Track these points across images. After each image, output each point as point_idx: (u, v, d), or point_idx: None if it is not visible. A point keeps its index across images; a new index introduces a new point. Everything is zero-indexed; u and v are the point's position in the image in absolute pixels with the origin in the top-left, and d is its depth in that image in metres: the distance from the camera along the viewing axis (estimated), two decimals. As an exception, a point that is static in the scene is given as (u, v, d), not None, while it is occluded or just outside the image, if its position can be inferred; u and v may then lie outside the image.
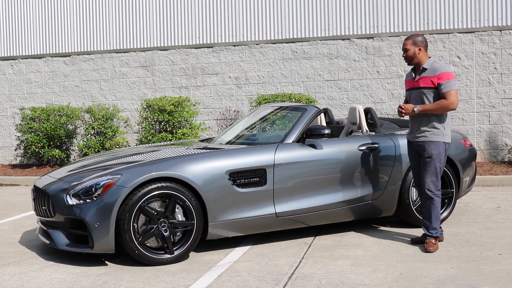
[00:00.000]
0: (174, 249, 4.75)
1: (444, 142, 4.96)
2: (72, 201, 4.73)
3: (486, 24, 10.00)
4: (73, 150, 11.65)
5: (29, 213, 7.21)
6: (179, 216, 4.80)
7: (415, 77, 5.10)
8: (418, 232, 5.52)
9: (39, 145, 11.08)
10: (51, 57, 12.06)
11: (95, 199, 4.64)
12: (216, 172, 4.91)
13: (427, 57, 5.05)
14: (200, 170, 4.85)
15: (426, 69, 5.00)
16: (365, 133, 5.96)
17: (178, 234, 4.81)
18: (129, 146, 11.17)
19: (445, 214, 5.79)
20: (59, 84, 12.04)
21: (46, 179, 5.33)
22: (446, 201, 5.83)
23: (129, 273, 4.50)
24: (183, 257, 4.80)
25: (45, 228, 5.08)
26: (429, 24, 10.22)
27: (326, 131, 5.23)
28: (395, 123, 6.33)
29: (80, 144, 11.16)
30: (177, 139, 10.21)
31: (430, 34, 10.19)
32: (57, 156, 11.22)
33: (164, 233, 4.71)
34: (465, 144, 6.15)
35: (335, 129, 6.49)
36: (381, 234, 5.56)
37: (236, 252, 5.02)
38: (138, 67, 11.60)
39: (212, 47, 11.21)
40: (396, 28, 10.36)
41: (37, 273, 4.57)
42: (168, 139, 10.30)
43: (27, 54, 12.18)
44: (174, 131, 10.49)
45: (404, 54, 5.08)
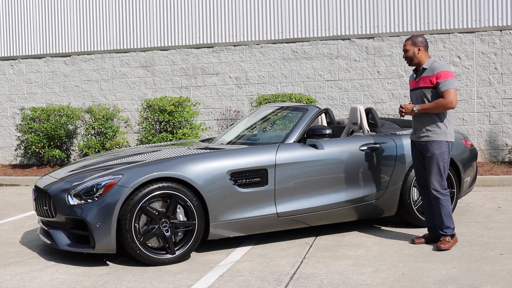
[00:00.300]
0: (176, 249, 4.74)
1: (447, 141, 4.96)
2: (73, 201, 4.72)
3: (487, 24, 10.00)
4: (73, 150, 11.65)
5: (30, 213, 7.21)
6: (181, 216, 4.79)
7: (416, 77, 5.11)
8: (419, 232, 5.52)
9: (39, 145, 11.08)
10: (51, 57, 12.05)
11: (96, 199, 4.64)
12: (217, 172, 4.91)
13: (428, 57, 5.06)
14: (202, 170, 4.85)
15: (426, 69, 5.01)
16: (366, 133, 5.95)
17: (179, 234, 4.80)
18: (129, 146, 11.17)
19: (446, 214, 5.79)
20: (59, 84, 12.04)
21: (47, 179, 5.32)
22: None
23: (130, 273, 4.50)
24: (185, 257, 4.80)
25: (46, 228, 5.08)
26: (430, 24, 10.22)
27: (327, 131, 5.23)
28: (396, 123, 6.33)
29: (81, 144, 11.15)
30: (177, 139, 10.20)
31: (431, 34, 10.19)
32: (57, 156, 11.22)
33: (166, 233, 4.71)
34: (466, 144, 6.15)
35: (336, 129, 6.48)
36: (382, 234, 5.56)
37: (238, 252, 5.01)
38: (138, 67, 11.59)
39: (213, 47, 11.21)
40: (396, 28, 10.37)
41: (38, 273, 4.57)
42: (168, 139, 10.30)
43: (27, 54, 12.18)
44: (175, 131, 10.49)
45: (404, 54, 5.11)
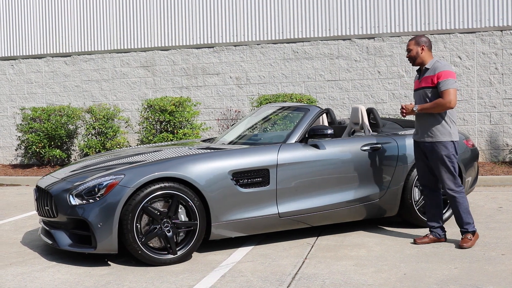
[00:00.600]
0: (177, 249, 4.74)
1: (452, 141, 4.96)
2: (75, 201, 4.72)
3: (487, 24, 10.00)
4: (73, 150, 11.64)
5: (30, 213, 7.20)
6: (182, 216, 4.79)
7: (419, 77, 5.11)
8: (421, 232, 5.52)
9: (39, 145, 11.07)
10: (52, 57, 12.05)
11: (98, 199, 4.64)
12: (219, 172, 4.90)
13: (431, 57, 5.06)
14: (203, 170, 4.85)
15: (428, 69, 5.02)
16: (368, 133, 5.95)
17: (181, 234, 4.79)
18: (130, 146, 11.16)
19: (447, 214, 5.79)
20: (59, 84, 12.03)
21: (48, 179, 5.32)
22: (449, 201, 5.82)
23: (132, 274, 4.50)
24: (186, 257, 4.79)
25: (48, 228, 5.07)
26: (430, 24, 10.22)
27: (329, 131, 5.23)
28: (397, 123, 6.33)
29: (81, 144, 11.15)
30: (178, 139, 10.20)
31: (431, 34, 10.18)
32: (57, 156, 11.21)
33: (167, 233, 4.70)
34: (467, 144, 6.15)
35: (337, 129, 6.48)
36: (383, 234, 5.55)
37: (239, 253, 5.01)
38: (139, 67, 11.59)
39: (213, 47, 11.21)
40: (397, 28, 10.36)
41: (39, 273, 4.56)
42: (169, 139, 10.30)
43: (27, 54, 12.17)
44: (175, 131, 10.48)
45: (407, 54, 5.12)
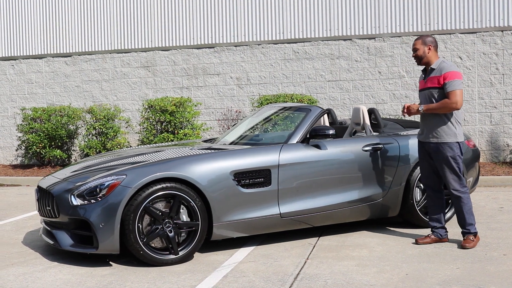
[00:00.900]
0: (179, 249, 4.74)
1: (457, 142, 4.96)
2: (76, 201, 4.71)
3: (488, 24, 10.00)
4: (74, 150, 11.64)
5: (31, 213, 7.20)
6: (184, 217, 4.79)
7: (425, 78, 5.10)
8: (422, 232, 5.52)
9: (40, 145, 11.07)
10: (52, 57, 12.04)
11: (99, 199, 4.63)
12: (220, 173, 4.90)
13: (436, 58, 5.05)
14: (205, 171, 4.85)
15: (434, 69, 5.01)
16: (369, 133, 5.95)
17: (182, 234, 4.79)
18: (130, 146, 11.16)
19: (449, 215, 5.78)
20: (60, 85, 12.03)
21: (50, 179, 5.32)
22: (450, 201, 5.83)
23: (134, 274, 4.49)
24: (188, 257, 4.79)
25: (49, 229, 5.07)
26: (431, 25, 10.23)
27: (330, 131, 5.23)
28: (398, 123, 6.33)
29: (82, 144, 11.15)
30: (178, 140, 10.20)
31: (432, 35, 10.17)
32: (58, 157, 11.21)
33: (169, 234, 4.70)
34: (468, 144, 6.15)
35: (338, 130, 6.48)
36: (385, 235, 5.55)
37: (241, 253, 5.01)
38: (139, 68, 11.59)
39: (214, 47, 11.21)
40: (397, 28, 10.37)
41: (41, 273, 4.56)
42: (169, 139, 10.30)
43: (28, 54, 12.17)
44: (176, 131, 10.48)
45: (413, 53, 5.10)
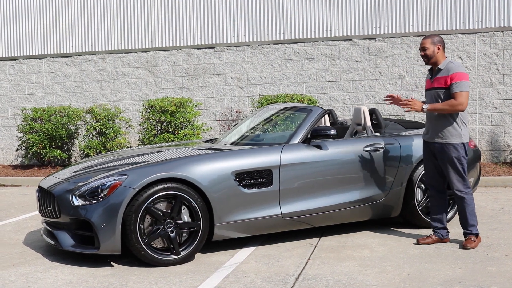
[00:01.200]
0: (180, 250, 4.73)
1: (462, 143, 4.96)
2: (77, 202, 4.71)
3: (488, 25, 10.00)
4: (74, 150, 11.63)
5: (32, 213, 7.19)
6: (185, 217, 4.78)
7: (431, 77, 5.10)
8: (423, 232, 5.51)
9: (40, 145, 11.06)
10: (52, 57, 12.04)
11: (101, 199, 4.63)
12: (222, 173, 4.89)
13: (444, 58, 5.05)
14: (206, 171, 4.84)
15: (441, 69, 5.00)
16: (370, 134, 5.95)
17: (184, 235, 4.79)
18: (130, 147, 11.16)
19: (450, 215, 5.79)
20: (60, 85, 12.03)
21: (51, 179, 5.31)
22: (451, 202, 5.83)
23: (135, 274, 4.49)
24: (189, 258, 4.79)
25: (50, 229, 5.06)
26: (431, 25, 10.23)
27: (332, 131, 5.23)
28: (399, 123, 6.33)
29: (82, 144, 11.14)
30: (179, 140, 10.20)
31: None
32: (58, 157, 11.20)
33: (170, 234, 4.69)
34: (469, 145, 6.14)
35: (339, 130, 6.48)
36: (386, 235, 5.55)
37: (242, 253, 5.01)
38: (140, 68, 11.58)
39: (214, 47, 11.20)
40: (398, 29, 10.37)
41: (43, 274, 4.55)
42: (170, 140, 10.29)
43: (28, 55, 12.16)
44: (176, 131, 10.48)
45: (422, 52, 5.05)
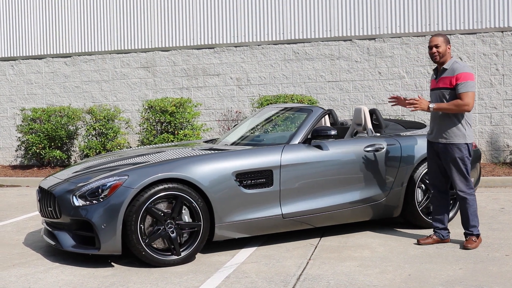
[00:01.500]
0: (181, 250, 4.73)
1: (466, 143, 4.96)
2: (78, 202, 4.70)
3: (488, 25, 10.01)
4: (73, 151, 11.62)
5: (32, 214, 7.18)
6: (186, 217, 4.78)
7: (436, 77, 5.10)
8: (424, 232, 5.51)
9: (40, 146, 11.05)
10: (52, 57, 12.03)
11: (101, 200, 4.62)
12: (222, 173, 4.89)
13: (449, 57, 5.05)
14: (207, 171, 4.84)
15: (446, 69, 5.00)
16: (371, 134, 5.95)
17: (184, 235, 4.78)
18: (130, 147, 11.15)
19: (451, 215, 5.79)
20: (59, 85, 12.02)
21: (51, 180, 5.30)
22: (452, 202, 5.83)
23: (136, 275, 4.48)
24: (190, 258, 4.79)
25: (51, 229, 5.06)
26: (431, 25, 10.23)
27: (332, 132, 5.22)
28: (400, 124, 6.33)
29: (81, 145, 11.13)
30: (178, 140, 10.19)
31: (432, 35, 10.17)
32: (58, 157, 11.19)
33: (171, 234, 4.69)
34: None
35: (339, 130, 6.47)
36: (387, 235, 5.55)
37: (243, 253, 5.00)
38: (139, 68, 11.58)
39: (214, 48, 11.20)
40: (397, 29, 10.37)
41: (43, 274, 4.55)
42: (169, 140, 10.29)
43: (27, 55, 12.15)
44: (176, 132, 10.48)
45: (435, 50, 5.02)
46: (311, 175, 5.24)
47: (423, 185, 5.70)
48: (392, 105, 5.51)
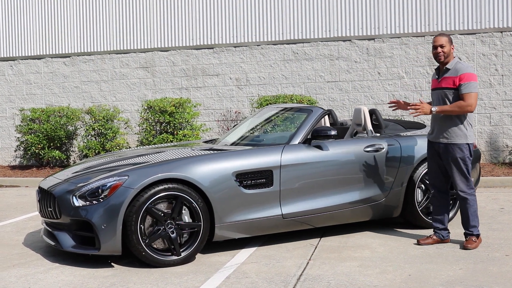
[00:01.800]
0: (181, 250, 4.72)
1: (467, 144, 4.96)
2: (78, 202, 4.70)
3: (487, 25, 10.02)
4: (73, 151, 11.61)
5: (31, 214, 7.17)
6: (186, 218, 4.78)
7: (438, 77, 5.09)
8: (424, 233, 5.51)
9: (39, 146, 11.04)
10: (51, 58, 12.02)
11: (101, 200, 4.62)
12: (222, 173, 4.89)
13: (452, 57, 5.05)
14: (207, 171, 4.84)
15: (449, 69, 4.99)
16: (370, 134, 5.95)
17: (185, 235, 4.78)
18: (129, 147, 11.14)
19: (451, 215, 5.79)
20: (59, 85, 12.00)
21: (51, 180, 5.30)
22: (452, 202, 5.83)
23: (136, 275, 4.48)
24: (190, 258, 4.78)
25: (51, 230, 5.05)
26: (430, 26, 10.23)
27: (332, 132, 5.22)
28: (399, 124, 6.33)
29: (81, 145, 11.12)
30: (178, 141, 10.18)
31: (431, 36, 10.19)
32: (57, 158, 11.18)
33: (171, 235, 4.69)
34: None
35: (339, 130, 6.47)
36: (387, 235, 5.55)
37: (243, 254, 5.00)
38: (138, 68, 11.57)
39: (213, 48, 11.20)
40: (397, 29, 10.37)
41: (43, 275, 4.54)
42: (169, 140, 10.28)
43: (26, 55, 12.14)
44: (175, 132, 10.47)
45: (440, 50, 4.99)
46: (311, 175, 5.24)
47: (423, 185, 5.70)
48: (393, 110, 5.52)
